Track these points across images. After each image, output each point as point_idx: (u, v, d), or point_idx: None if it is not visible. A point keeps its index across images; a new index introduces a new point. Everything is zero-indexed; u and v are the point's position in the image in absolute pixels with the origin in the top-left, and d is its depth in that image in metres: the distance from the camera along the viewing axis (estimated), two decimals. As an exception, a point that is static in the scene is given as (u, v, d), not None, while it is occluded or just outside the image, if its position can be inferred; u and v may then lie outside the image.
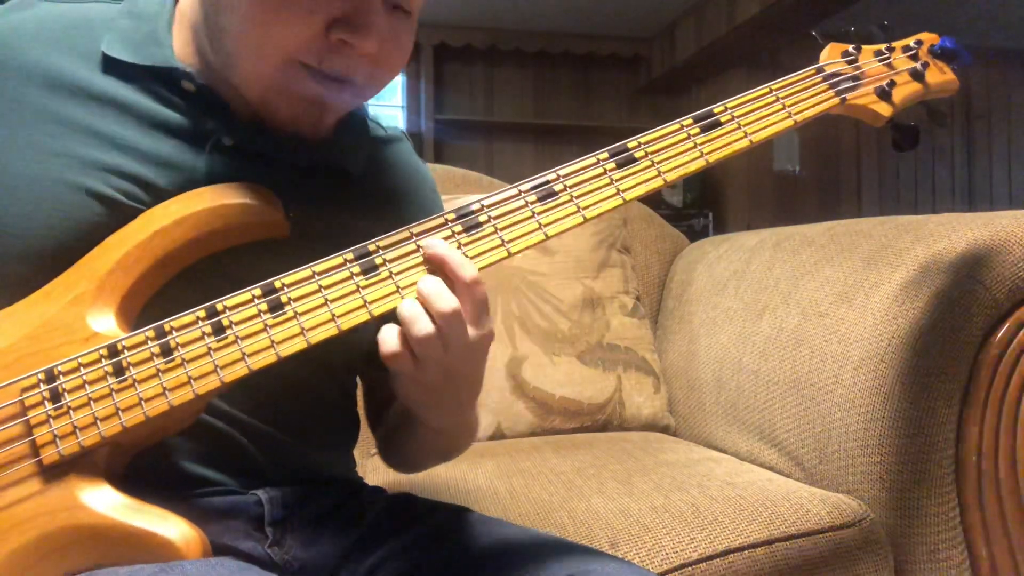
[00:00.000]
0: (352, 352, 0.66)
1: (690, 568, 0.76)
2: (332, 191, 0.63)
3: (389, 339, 0.50)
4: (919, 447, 0.84)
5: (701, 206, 4.31)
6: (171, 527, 0.48)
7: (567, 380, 1.26)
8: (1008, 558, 0.83)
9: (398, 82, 4.56)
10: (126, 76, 0.58)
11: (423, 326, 0.49)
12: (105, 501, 0.49)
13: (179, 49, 0.59)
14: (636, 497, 0.87)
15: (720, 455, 1.10)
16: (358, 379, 0.75)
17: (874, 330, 0.91)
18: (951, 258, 0.87)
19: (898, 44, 0.70)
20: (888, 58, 0.68)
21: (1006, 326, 0.84)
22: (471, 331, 0.51)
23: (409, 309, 0.50)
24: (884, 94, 0.66)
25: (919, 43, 0.70)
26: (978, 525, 0.84)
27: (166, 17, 0.60)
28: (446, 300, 0.49)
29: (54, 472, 0.49)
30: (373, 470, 1.07)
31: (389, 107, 4.55)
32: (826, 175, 4.54)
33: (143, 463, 0.53)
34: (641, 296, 1.43)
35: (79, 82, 0.57)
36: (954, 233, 0.90)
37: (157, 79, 0.58)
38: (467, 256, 0.52)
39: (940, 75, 0.69)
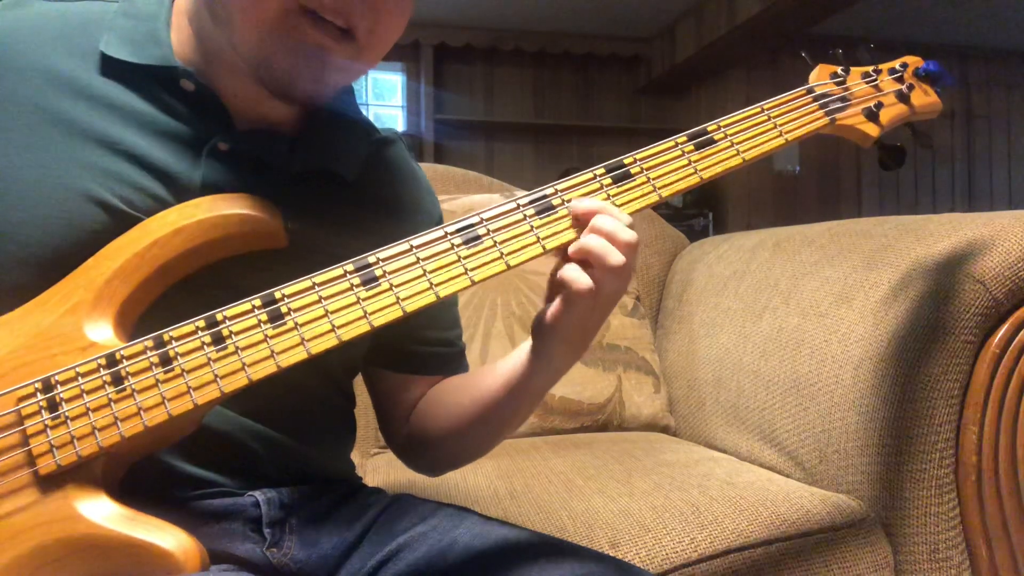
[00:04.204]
0: (350, 355, 0.65)
1: (690, 568, 0.76)
2: (328, 196, 0.63)
3: (581, 277, 0.52)
4: (919, 447, 0.84)
5: (701, 206, 4.31)
6: (169, 538, 0.48)
7: (567, 380, 1.26)
8: (1008, 558, 0.83)
9: (398, 82, 4.57)
10: (124, 77, 0.57)
11: (616, 257, 0.52)
12: (102, 512, 0.48)
13: (178, 48, 0.58)
14: (636, 497, 0.87)
15: (720, 455, 1.10)
16: (369, 384, 0.75)
17: (874, 330, 0.91)
18: (951, 258, 0.87)
19: (884, 66, 0.71)
20: (875, 80, 0.69)
21: (1006, 326, 0.84)
22: None
23: (599, 244, 0.52)
24: (872, 115, 0.67)
25: (904, 66, 0.71)
26: (978, 525, 0.84)
27: (164, 16, 0.59)
28: (627, 232, 0.53)
29: (51, 482, 0.48)
30: (373, 470, 1.07)
31: (389, 107, 4.56)
32: (826, 175, 4.54)
33: (139, 466, 0.53)
34: (641, 296, 1.43)
35: (78, 83, 0.56)
36: (954, 233, 0.90)
37: (156, 80, 0.57)
38: (467, 268, 0.53)
39: (924, 97, 0.71)
